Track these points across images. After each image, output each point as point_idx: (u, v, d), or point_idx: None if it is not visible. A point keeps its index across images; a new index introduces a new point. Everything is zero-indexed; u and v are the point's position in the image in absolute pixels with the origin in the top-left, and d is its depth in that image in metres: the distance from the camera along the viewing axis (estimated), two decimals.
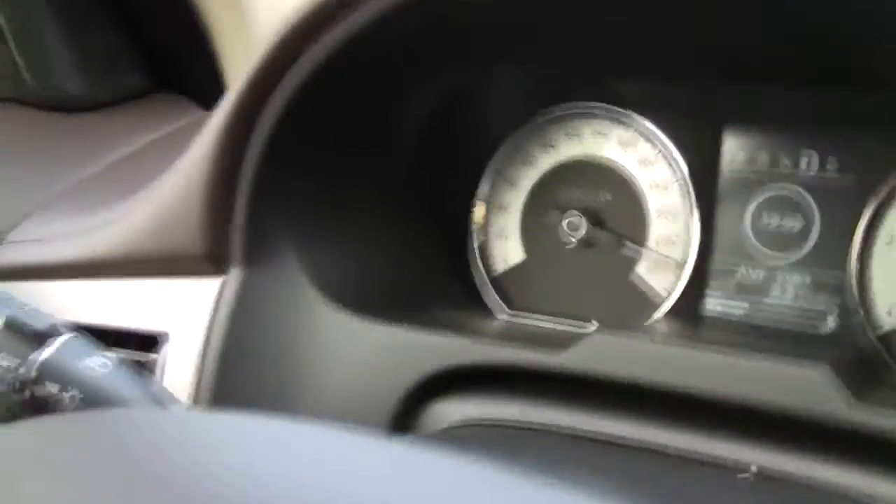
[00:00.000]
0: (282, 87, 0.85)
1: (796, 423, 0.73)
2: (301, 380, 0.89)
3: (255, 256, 0.91)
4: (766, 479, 0.72)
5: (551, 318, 1.03)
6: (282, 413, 0.86)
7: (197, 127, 0.91)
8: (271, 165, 0.88)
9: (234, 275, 0.91)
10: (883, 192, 0.90)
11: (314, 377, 0.88)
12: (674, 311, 0.98)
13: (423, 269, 1.04)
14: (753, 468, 0.72)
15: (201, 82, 1.46)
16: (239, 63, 1.31)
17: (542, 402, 0.82)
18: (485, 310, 1.05)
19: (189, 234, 0.91)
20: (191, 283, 0.93)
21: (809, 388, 0.71)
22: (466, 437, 0.80)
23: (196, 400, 0.89)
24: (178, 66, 1.53)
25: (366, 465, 0.46)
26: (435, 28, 0.86)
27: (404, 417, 0.86)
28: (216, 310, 0.91)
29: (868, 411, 0.69)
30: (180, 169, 0.91)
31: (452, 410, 0.85)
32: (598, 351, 0.79)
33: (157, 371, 0.91)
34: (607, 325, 0.88)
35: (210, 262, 0.91)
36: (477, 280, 1.06)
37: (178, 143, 0.94)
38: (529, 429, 0.81)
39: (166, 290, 0.94)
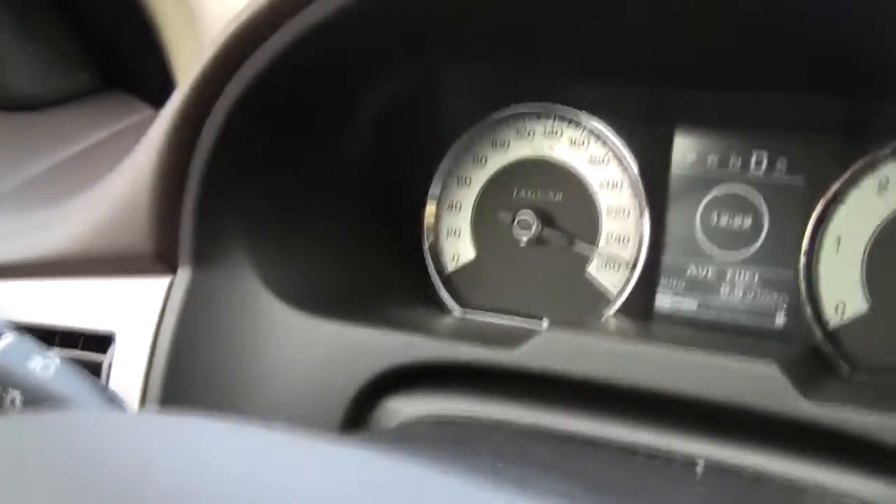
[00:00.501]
0: (230, 87, 0.84)
1: (746, 418, 0.73)
2: (252, 379, 0.88)
3: (204, 255, 0.90)
4: (717, 472, 0.72)
5: (503, 315, 1.03)
6: (232, 414, 0.85)
7: (146, 125, 0.90)
8: (221, 164, 0.87)
9: (183, 274, 0.90)
10: (831, 192, 0.91)
11: (265, 377, 0.88)
12: (625, 309, 0.98)
13: (376, 268, 1.03)
14: (701, 462, 0.72)
15: (150, 81, 1.45)
16: (188, 61, 1.30)
17: (495, 397, 0.82)
18: (437, 308, 1.05)
19: (137, 233, 0.90)
20: (139, 282, 0.92)
21: (758, 384, 0.72)
22: (419, 434, 0.80)
23: (144, 401, 0.88)
24: (127, 64, 1.52)
25: (311, 466, 0.46)
26: (384, 29, 0.86)
27: (357, 415, 0.85)
28: (165, 310, 0.90)
29: (815, 406, 0.70)
30: (128, 167, 0.90)
31: (406, 407, 0.85)
32: (549, 348, 0.79)
33: (105, 372, 0.90)
34: (559, 322, 0.87)
35: (159, 261, 0.90)
36: (429, 278, 1.06)
37: (126, 141, 0.93)
38: (483, 425, 0.81)
39: (114, 290, 0.93)
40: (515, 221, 1.01)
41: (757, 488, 0.71)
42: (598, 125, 1.00)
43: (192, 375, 0.88)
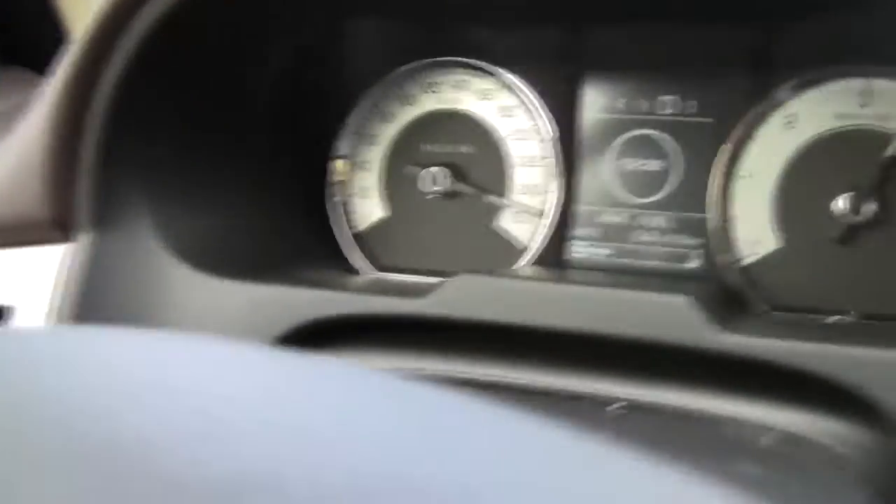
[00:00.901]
0: (122, 42, 0.82)
1: (664, 354, 0.72)
2: None
3: (104, 220, 0.87)
4: (638, 410, 0.71)
5: (417, 274, 1.01)
6: None
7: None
8: (118, 121, 0.84)
9: (83, 240, 0.87)
10: (740, 129, 0.90)
11: None
12: (539, 259, 0.97)
13: (285, 229, 1.01)
14: (619, 405, 0.71)
15: (50, 56, 1.41)
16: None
17: (410, 351, 0.81)
18: (349, 268, 1.03)
19: (32, 199, 0.86)
20: (37, 251, 0.89)
21: (674, 317, 0.71)
22: None
23: None
24: (26, 39, 1.48)
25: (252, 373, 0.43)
26: None
27: None
28: (65, 279, 0.86)
29: (733, 337, 0.69)
30: (20, 133, 0.87)
31: None
32: (459, 294, 0.77)
33: None
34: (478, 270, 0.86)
35: (56, 227, 0.87)
36: (340, 238, 1.04)
37: (24, 114, 0.90)
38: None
39: (11, 261, 0.89)
40: (424, 176, 0.99)
41: (676, 423, 0.70)
42: (506, 74, 0.98)
43: None
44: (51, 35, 1.35)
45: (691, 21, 0.90)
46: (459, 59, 1.00)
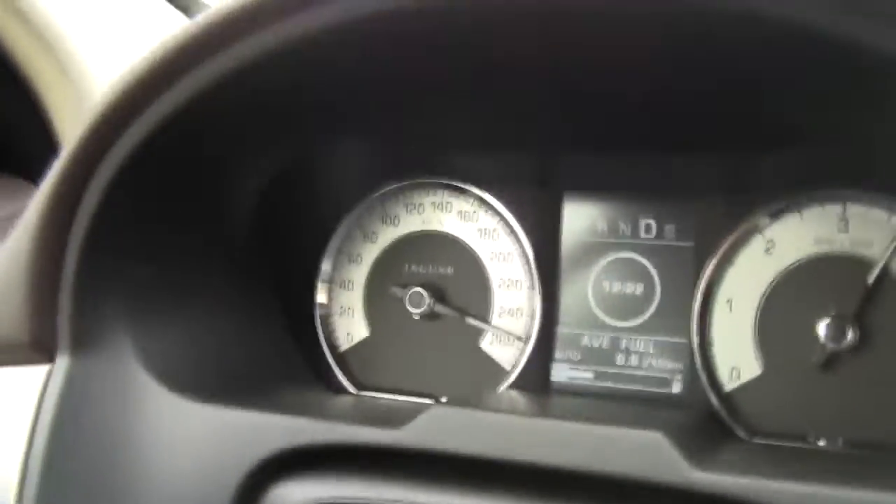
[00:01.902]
0: (104, 165, 0.82)
1: (638, 490, 0.71)
2: (136, 472, 0.84)
3: (84, 342, 0.86)
4: None
5: (399, 394, 1.00)
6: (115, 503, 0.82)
7: None
8: (98, 246, 0.84)
9: (62, 362, 0.86)
10: (719, 254, 0.90)
11: (150, 468, 0.84)
12: (520, 382, 0.96)
13: (266, 349, 1.00)
14: None
15: (42, 166, 1.42)
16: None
17: (387, 478, 0.79)
18: (331, 388, 1.02)
19: (12, 320, 0.86)
20: (16, 372, 0.88)
21: (646, 454, 0.70)
22: None
23: (22, 495, 0.83)
24: (18, 148, 1.49)
25: None
26: (260, 104, 0.84)
27: (246, 500, 0.82)
28: (42, 401, 0.86)
29: (704, 475, 0.68)
30: (4, 250, 0.87)
31: (296, 492, 0.81)
32: (435, 426, 0.76)
33: None
34: (455, 397, 0.85)
35: (36, 349, 0.87)
36: (323, 358, 1.04)
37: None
38: None
39: None
40: (407, 297, 0.99)
41: None
42: (486, 196, 0.99)
43: (71, 472, 0.84)
44: (43, 146, 1.36)
45: (668, 150, 0.91)
46: (440, 180, 1.01)
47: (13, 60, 1.35)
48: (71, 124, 1.30)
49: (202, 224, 0.95)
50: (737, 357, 0.90)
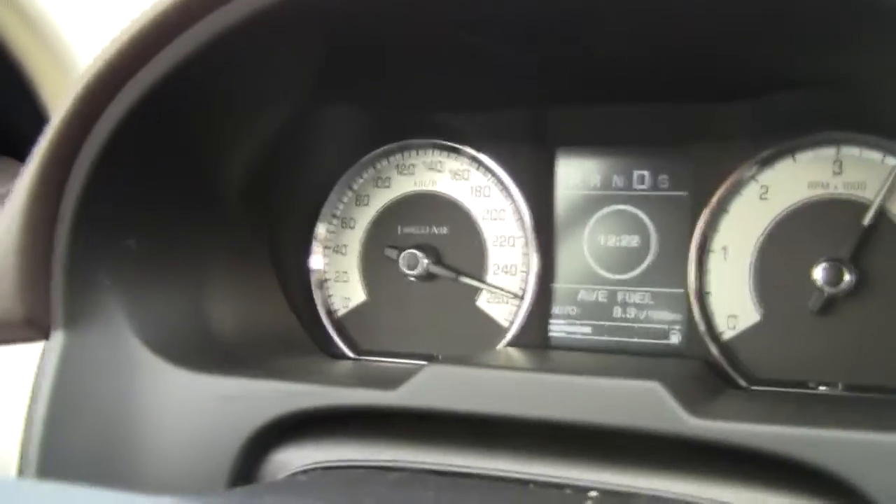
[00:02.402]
0: (91, 138, 0.81)
1: (637, 441, 0.71)
2: (135, 441, 0.84)
3: (78, 316, 0.86)
4: (614, 497, 0.70)
5: (398, 357, 1.00)
6: (116, 479, 0.82)
7: None
8: (88, 220, 0.84)
9: (57, 338, 0.86)
10: (713, 202, 0.90)
11: (149, 437, 0.84)
12: (518, 339, 0.96)
13: (264, 318, 1.00)
14: (594, 493, 0.70)
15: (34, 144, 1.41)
16: None
17: (386, 440, 0.79)
18: (330, 354, 1.02)
19: (5, 298, 0.86)
20: (12, 350, 0.88)
21: (643, 404, 0.69)
22: (304, 485, 0.77)
23: (22, 471, 0.84)
24: (12, 130, 1.48)
25: None
26: (250, 68, 0.83)
27: (246, 468, 0.82)
28: (39, 376, 0.86)
29: (701, 422, 0.68)
30: None
31: (295, 457, 0.82)
32: (429, 386, 0.76)
33: None
34: (451, 356, 0.85)
35: (30, 326, 0.86)
36: (321, 324, 1.03)
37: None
38: (372, 469, 0.78)
39: None
40: (402, 259, 0.99)
41: None
42: (479, 154, 0.98)
43: (70, 443, 0.84)
44: (37, 128, 1.36)
45: (660, 100, 0.90)
46: (432, 140, 1.00)
47: (3, 43, 1.34)
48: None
49: (193, 194, 0.94)
50: (734, 305, 0.89)
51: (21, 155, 1.48)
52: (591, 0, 0.71)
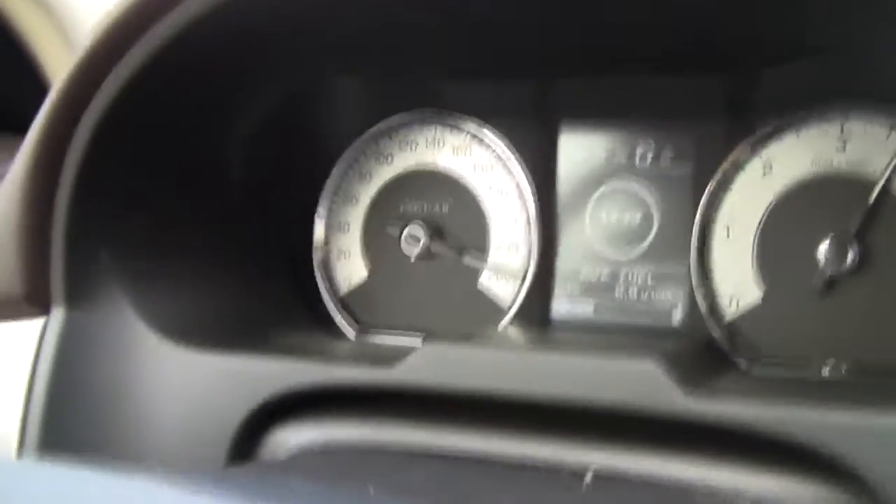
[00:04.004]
0: (89, 112, 0.81)
1: (634, 420, 0.70)
2: (135, 419, 0.84)
3: (78, 293, 0.86)
4: (607, 480, 0.69)
5: (400, 333, 0.99)
6: (116, 456, 0.82)
7: None
8: (87, 196, 0.84)
9: (57, 315, 0.86)
10: (716, 178, 0.89)
11: (149, 415, 0.84)
12: (520, 318, 0.95)
13: (265, 296, 1.00)
14: (590, 472, 0.69)
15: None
16: None
17: (385, 419, 0.79)
18: (332, 333, 1.02)
19: (5, 274, 0.86)
20: (12, 326, 0.88)
21: (640, 383, 0.69)
22: (302, 465, 0.77)
23: (22, 449, 0.84)
24: (15, 106, 1.48)
25: None
26: (248, 38, 0.83)
27: (245, 447, 0.82)
28: (39, 353, 0.86)
29: (697, 402, 0.67)
30: None
31: (294, 436, 0.81)
32: (428, 362, 0.76)
33: None
34: (455, 335, 0.84)
35: (30, 302, 0.86)
36: (322, 302, 1.03)
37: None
38: (371, 449, 0.78)
39: None
40: (403, 236, 0.98)
41: (647, 493, 0.68)
42: (481, 130, 0.97)
43: (71, 420, 0.84)
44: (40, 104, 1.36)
45: (664, 71, 0.89)
46: (434, 109, 0.99)
47: (7, 20, 1.35)
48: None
49: (194, 169, 0.94)
50: (736, 284, 0.89)
51: (20, 129, 1.49)
52: None
